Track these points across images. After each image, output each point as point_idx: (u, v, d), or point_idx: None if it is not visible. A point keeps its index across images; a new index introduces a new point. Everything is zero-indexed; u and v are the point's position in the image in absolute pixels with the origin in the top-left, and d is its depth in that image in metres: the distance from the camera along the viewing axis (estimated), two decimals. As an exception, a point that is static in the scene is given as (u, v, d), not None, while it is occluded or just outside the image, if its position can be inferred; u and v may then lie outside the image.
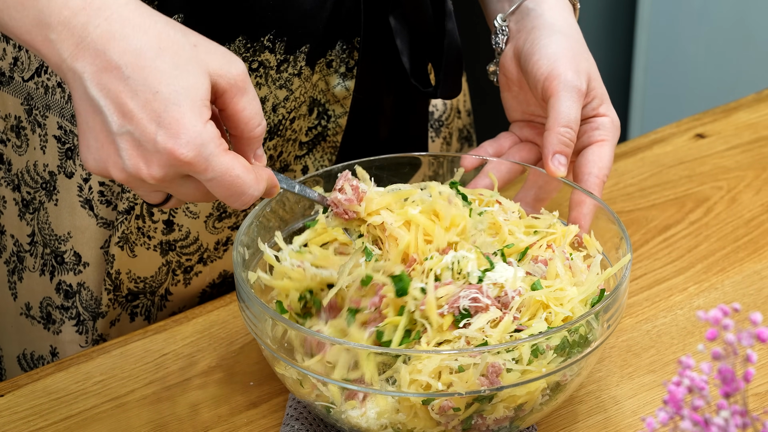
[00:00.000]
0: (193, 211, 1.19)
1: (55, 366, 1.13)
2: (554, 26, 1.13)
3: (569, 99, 1.09)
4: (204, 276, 1.24)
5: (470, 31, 1.19)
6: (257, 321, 0.99)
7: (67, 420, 1.07)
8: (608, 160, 1.11)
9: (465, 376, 0.92)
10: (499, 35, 1.17)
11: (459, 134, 1.38)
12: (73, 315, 1.21)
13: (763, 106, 1.50)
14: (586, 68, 1.12)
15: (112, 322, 1.22)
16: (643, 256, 1.25)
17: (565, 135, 1.08)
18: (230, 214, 1.20)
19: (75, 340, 1.22)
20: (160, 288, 1.22)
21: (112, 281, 1.19)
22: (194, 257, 1.22)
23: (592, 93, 1.12)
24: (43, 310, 1.23)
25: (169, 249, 1.20)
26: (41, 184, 1.19)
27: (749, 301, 1.18)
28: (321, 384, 0.96)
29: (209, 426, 1.06)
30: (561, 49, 1.11)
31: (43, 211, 1.20)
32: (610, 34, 2.68)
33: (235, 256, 1.02)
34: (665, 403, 0.72)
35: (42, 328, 1.24)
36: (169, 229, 1.19)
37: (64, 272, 1.20)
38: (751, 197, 1.34)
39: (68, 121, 1.15)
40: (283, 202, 1.10)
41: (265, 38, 1.12)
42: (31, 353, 1.26)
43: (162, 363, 1.13)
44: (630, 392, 1.08)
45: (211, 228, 1.20)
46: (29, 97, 1.17)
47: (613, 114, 1.13)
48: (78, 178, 1.17)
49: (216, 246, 1.22)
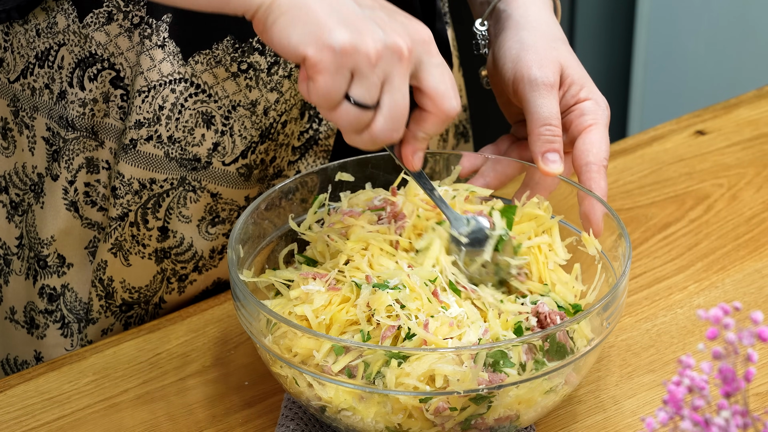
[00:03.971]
0: (186, 215, 1.18)
1: (47, 366, 1.12)
2: (519, 24, 1.12)
3: (539, 97, 1.08)
4: (198, 284, 1.23)
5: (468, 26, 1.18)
6: (252, 320, 0.98)
7: (60, 420, 1.06)
8: (601, 143, 1.08)
9: (463, 375, 0.92)
10: (481, 41, 1.16)
11: (455, 130, 1.38)
12: (58, 318, 1.21)
13: (764, 103, 1.49)
14: (554, 58, 1.10)
15: (104, 331, 1.21)
16: (642, 255, 1.25)
17: (546, 133, 1.07)
18: (223, 220, 1.20)
19: (60, 344, 1.21)
20: (154, 297, 1.21)
21: (104, 288, 1.18)
22: (189, 265, 1.21)
23: (568, 80, 1.10)
24: (27, 315, 1.23)
25: (164, 257, 1.19)
26: (30, 185, 1.18)
27: (750, 300, 1.18)
28: (317, 383, 0.96)
29: (204, 426, 1.05)
30: (523, 47, 1.10)
31: (30, 213, 1.19)
32: (610, 30, 2.67)
33: (230, 254, 1.02)
34: (665, 403, 0.72)
35: (26, 333, 1.23)
36: (164, 236, 1.18)
37: (47, 276, 1.19)
38: (752, 195, 1.33)
39: (56, 122, 1.15)
40: (276, 202, 1.09)
41: (254, 39, 1.12)
42: (15, 358, 1.25)
43: (156, 362, 1.12)
44: (629, 392, 1.07)
45: (204, 233, 1.19)
46: (15, 98, 1.16)
47: (597, 95, 1.11)
48: (63, 181, 1.16)
49: (211, 254, 1.21)
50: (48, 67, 1.13)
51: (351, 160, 1.12)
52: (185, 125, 1.13)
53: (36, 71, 1.14)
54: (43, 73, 1.14)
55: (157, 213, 1.17)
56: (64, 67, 1.13)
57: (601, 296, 1.02)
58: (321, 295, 0.99)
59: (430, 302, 0.98)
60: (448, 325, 0.96)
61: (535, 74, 1.08)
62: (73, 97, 1.13)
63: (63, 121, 1.14)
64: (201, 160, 1.15)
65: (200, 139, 1.14)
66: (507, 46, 1.11)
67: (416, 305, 0.97)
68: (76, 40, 1.12)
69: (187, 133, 1.14)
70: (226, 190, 1.18)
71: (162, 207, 1.17)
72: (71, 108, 1.13)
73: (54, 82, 1.14)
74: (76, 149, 1.15)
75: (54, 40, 1.12)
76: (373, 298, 0.97)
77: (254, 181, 1.19)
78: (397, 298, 0.97)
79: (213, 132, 1.15)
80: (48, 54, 1.13)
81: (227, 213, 1.19)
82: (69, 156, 1.15)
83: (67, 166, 1.15)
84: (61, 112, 1.14)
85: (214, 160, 1.16)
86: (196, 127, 1.14)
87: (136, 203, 1.16)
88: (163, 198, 1.16)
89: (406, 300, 0.97)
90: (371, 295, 0.97)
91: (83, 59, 1.12)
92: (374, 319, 0.96)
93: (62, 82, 1.13)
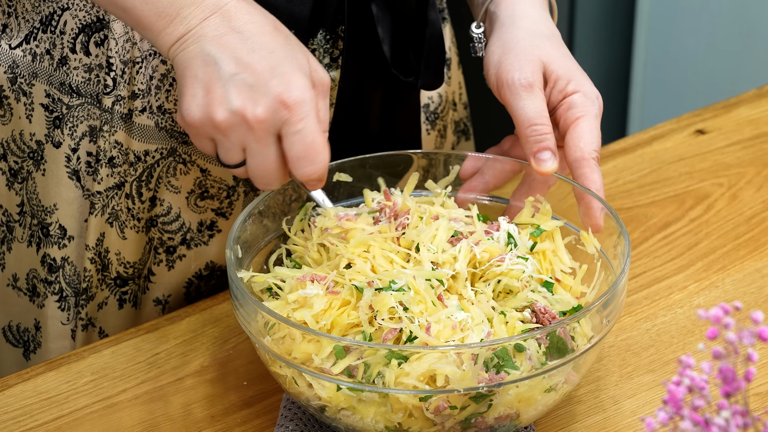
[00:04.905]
0: (175, 186, 1.18)
1: (46, 365, 1.12)
2: (504, 25, 1.12)
3: (520, 99, 1.08)
4: (188, 262, 1.22)
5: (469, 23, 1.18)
6: (251, 319, 0.98)
7: (58, 420, 1.06)
8: (590, 134, 1.08)
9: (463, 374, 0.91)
10: (477, 44, 1.16)
11: (455, 127, 1.37)
12: (56, 290, 1.21)
13: (764, 102, 1.49)
14: (535, 57, 1.09)
15: (99, 305, 1.21)
16: (642, 254, 1.24)
17: (534, 133, 1.07)
18: (212, 196, 1.20)
19: (57, 316, 1.22)
20: (144, 269, 1.21)
21: (101, 259, 1.18)
22: (177, 237, 1.21)
23: (553, 76, 1.10)
24: (29, 282, 1.23)
25: (151, 225, 1.19)
26: (28, 153, 1.19)
27: (750, 300, 1.18)
28: (317, 382, 0.95)
29: (202, 426, 1.05)
30: (504, 50, 1.10)
31: (31, 180, 1.19)
32: (609, 29, 2.67)
33: (229, 254, 1.01)
34: (665, 403, 0.72)
35: (28, 300, 1.24)
36: (152, 204, 1.18)
37: (50, 245, 1.20)
38: (752, 194, 1.33)
39: (56, 89, 1.15)
40: (275, 202, 1.09)
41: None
42: (17, 325, 1.26)
43: (154, 362, 1.12)
44: (629, 392, 1.07)
45: (193, 206, 1.20)
46: (14, 64, 1.16)
47: (586, 87, 1.10)
48: (66, 148, 1.16)
49: (200, 228, 1.21)
50: (51, 32, 1.14)
51: (349, 161, 1.12)
52: (175, 97, 1.14)
53: (39, 36, 1.14)
54: (46, 38, 1.14)
55: (149, 184, 1.18)
56: (66, 33, 1.13)
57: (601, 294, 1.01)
58: (320, 298, 0.98)
59: (434, 305, 0.97)
60: (450, 328, 0.95)
61: (513, 77, 1.08)
62: (77, 63, 1.14)
63: (65, 87, 1.14)
64: None
65: None
66: (491, 50, 1.11)
67: (420, 308, 0.96)
68: (81, 4, 1.12)
69: (176, 105, 1.14)
70: (215, 168, 1.19)
71: (153, 177, 1.18)
72: (75, 74, 1.14)
73: (55, 47, 1.14)
74: (80, 116, 1.15)
75: (58, 3, 1.13)
76: (376, 299, 0.96)
77: None
78: (400, 300, 0.96)
79: None
80: (51, 18, 1.13)
81: (216, 190, 1.20)
82: (73, 123, 1.15)
83: (71, 133, 1.16)
84: (62, 78, 1.14)
85: None
86: None
87: (132, 175, 1.16)
88: (154, 168, 1.17)
89: (409, 303, 0.96)
90: (374, 297, 0.96)
91: (89, 24, 1.12)
92: (376, 322, 0.96)
93: (63, 48, 1.14)
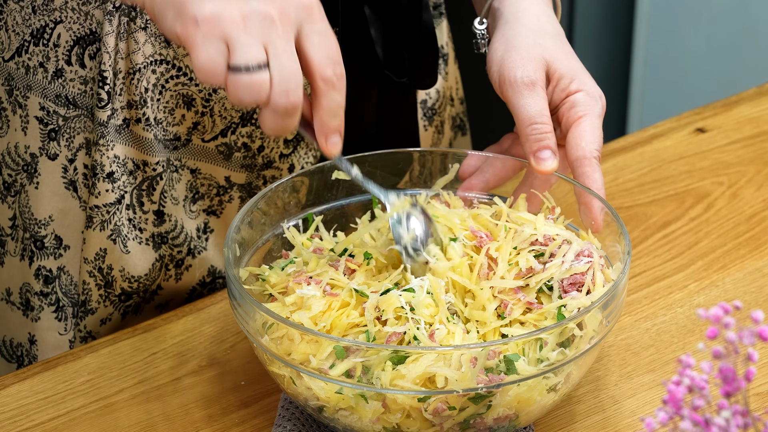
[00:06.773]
0: (175, 197, 1.19)
1: (42, 365, 1.12)
2: (508, 22, 1.12)
3: (522, 98, 1.07)
4: (193, 271, 1.23)
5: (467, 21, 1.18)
6: (249, 319, 0.97)
7: (55, 420, 1.06)
8: (592, 134, 1.07)
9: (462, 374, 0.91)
10: (480, 41, 1.16)
11: (452, 122, 1.37)
12: (53, 301, 1.21)
13: (765, 100, 1.49)
14: (537, 55, 1.09)
15: (102, 321, 1.21)
16: (642, 253, 1.24)
17: (533, 132, 1.07)
18: (203, 195, 1.20)
19: (54, 327, 1.21)
20: (152, 285, 1.21)
21: (104, 277, 1.18)
22: (184, 248, 1.21)
23: (556, 75, 1.09)
24: (23, 296, 1.23)
25: (162, 242, 1.19)
26: (22, 166, 1.18)
27: (750, 299, 1.18)
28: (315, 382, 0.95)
29: (200, 426, 1.05)
30: (507, 48, 1.10)
31: (24, 194, 1.19)
32: (609, 28, 2.67)
33: (227, 253, 1.01)
34: (665, 403, 0.72)
35: (21, 314, 1.23)
36: (160, 220, 1.18)
37: (44, 257, 1.19)
38: (753, 193, 1.33)
39: (51, 101, 1.15)
40: (273, 201, 1.09)
41: None
42: (11, 340, 1.25)
43: (152, 362, 1.12)
44: (629, 392, 1.07)
45: (188, 212, 1.20)
46: (10, 77, 1.16)
47: (589, 86, 1.09)
48: (63, 159, 1.16)
49: (198, 234, 1.21)
50: (43, 45, 1.13)
51: (349, 159, 1.11)
52: (166, 106, 1.15)
53: (31, 49, 1.14)
54: (38, 51, 1.14)
55: (152, 196, 1.18)
56: (60, 45, 1.13)
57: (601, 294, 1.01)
58: (318, 300, 0.98)
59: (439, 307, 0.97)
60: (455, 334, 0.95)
61: (515, 75, 1.08)
62: (73, 75, 1.14)
63: (61, 99, 1.14)
64: (181, 139, 1.17)
65: (180, 119, 1.16)
66: (494, 47, 1.11)
67: (430, 312, 0.96)
68: (75, 17, 1.12)
69: (168, 114, 1.15)
70: (204, 165, 1.19)
71: (156, 190, 1.18)
72: (71, 86, 1.14)
73: (49, 60, 1.14)
74: (77, 128, 1.15)
75: (50, 17, 1.12)
76: (383, 299, 0.96)
77: (236, 164, 1.19)
78: (408, 301, 0.96)
79: (193, 113, 1.16)
80: (44, 31, 1.13)
81: (206, 188, 1.20)
82: (69, 134, 1.15)
83: (68, 145, 1.16)
84: (58, 90, 1.14)
85: (193, 137, 1.17)
86: (177, 108, 1.15)
87: (131, 184, 1.16)
88: (157, 181, 1.17)
89: (417, 305, 0.96)
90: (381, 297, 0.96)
91: (83, 37, 1.12)
92: (382, 320, 0.95)
93: (58, 60, 1.14)
